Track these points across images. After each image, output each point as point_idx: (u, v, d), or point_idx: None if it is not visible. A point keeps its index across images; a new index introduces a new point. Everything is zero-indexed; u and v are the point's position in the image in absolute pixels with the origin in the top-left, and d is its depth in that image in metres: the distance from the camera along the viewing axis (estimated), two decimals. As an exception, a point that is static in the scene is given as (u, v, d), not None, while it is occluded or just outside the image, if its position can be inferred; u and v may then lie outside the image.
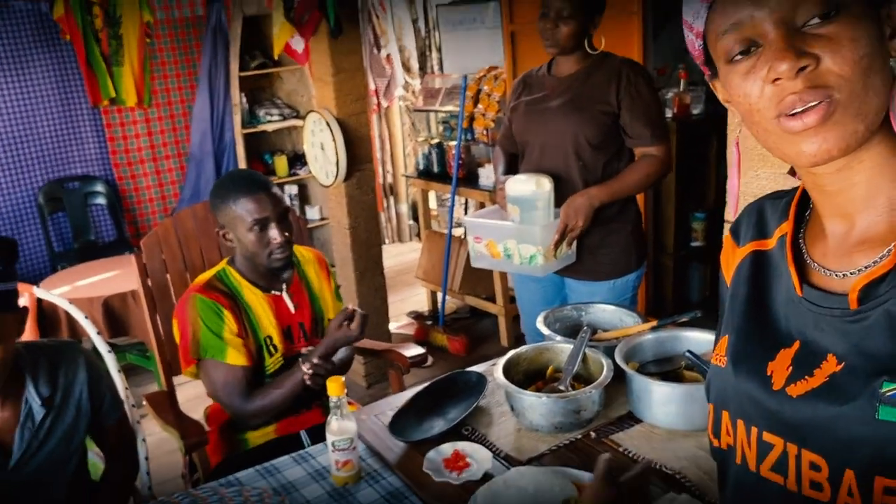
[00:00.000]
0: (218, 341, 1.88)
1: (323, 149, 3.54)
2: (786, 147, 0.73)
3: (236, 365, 1.89)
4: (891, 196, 0.74)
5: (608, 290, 2.38)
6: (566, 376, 1.67)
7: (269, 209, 1.89)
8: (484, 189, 4.04)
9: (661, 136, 2.27)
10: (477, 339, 4.25)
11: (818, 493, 0.74)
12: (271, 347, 1.98)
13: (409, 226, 6.38)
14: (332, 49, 3.38)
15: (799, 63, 0.68)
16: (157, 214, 5.09)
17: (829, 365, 0.74)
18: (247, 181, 1.93)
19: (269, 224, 1.90)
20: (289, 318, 2.03)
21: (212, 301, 1.90)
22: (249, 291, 1.98)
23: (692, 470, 1.42)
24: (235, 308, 1.93)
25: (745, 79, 0.73)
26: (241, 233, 1.91)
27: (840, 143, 0.69)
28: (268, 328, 1.98)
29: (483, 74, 4.27)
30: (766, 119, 0.72)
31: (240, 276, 1.99)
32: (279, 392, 1.89)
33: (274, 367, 1.99)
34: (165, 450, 3.16)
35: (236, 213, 1.89)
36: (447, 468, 1.49)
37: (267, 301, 1.99)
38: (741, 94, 0.74)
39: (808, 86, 0.68)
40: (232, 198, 1.89)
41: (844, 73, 0.68)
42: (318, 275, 2.15)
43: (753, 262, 0.88)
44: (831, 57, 0.68)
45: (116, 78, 4.69)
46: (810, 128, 0.69)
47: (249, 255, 1.94)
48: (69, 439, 1.68)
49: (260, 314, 1.97)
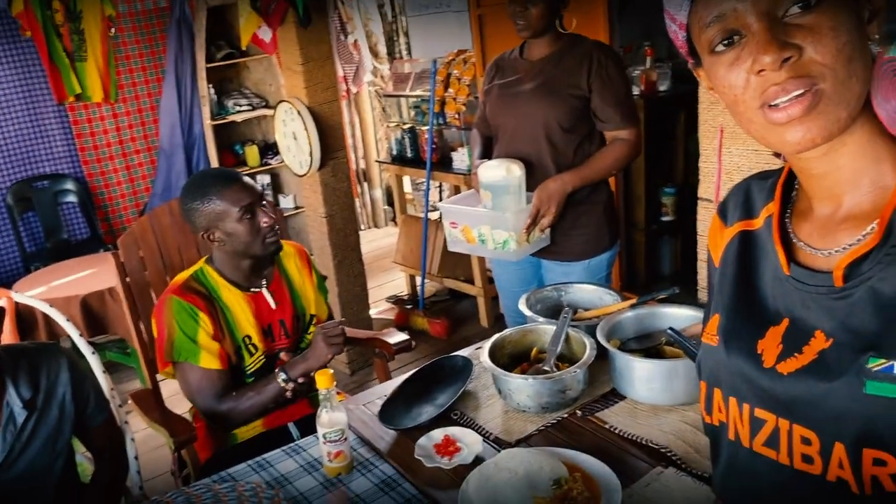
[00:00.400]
0: (192, 345, 1.87)
1: (295, 138, 3.52)
2: (770, 136, 0.75)
3: (210, 368, 1.89)
4: (873, 177, 0.76)
5: (583, 270, 2.41)
6: (550, 357, 1.70)
7: (252, 195, 1.90)
8: (458, 172, 4.05)
9: (631, 120, 2.29)
10: (457, 321, 4.28)
11: (810, 466, 0.77)
12: (251, 347, 1.98)
13: (384, 211, 6.37)
14: (300, 38, 3.36)
15: (783, 54, 0.70)
16: (129, 210, 5.04)
17: (818, 342, 0.77)
18: (220, 176, 1.93)
19: (255, 209, 1.90)
20: (269, 316, 2.02)
21: (188, 303, 1.89)
22: (227, 291, 1.97)
23: (678, 444, 1.45)
24: (212, 309, 1.92)
25: (730, 70, 0.74)
26: (230, 226, 1.89)
27: (823, 132, 0.72)
28: (246, 328, 1.97)
29: (452, 58, 4.27)
30: (751, 109, 0.74)
31: (218, 276, 1.98)
32: (256, 399, 1.89)
33: (255, 366, 1.99)
34: (151, 446, 3.15)
35: (221, 208, 1.88)
36: (438, 454, 1.51)
37: (246, 300, 1.98)
38: (726, 85, 0.75)
39: (791, 76, 0.70)
40: (212, 195, 1.88)
41: (827, 62, 0.69)
42: (300, 269, 2.14)
43: (741, 241, 0.90)
44: (813, 46, 0.69)
45: (81, 74, 4.61)
46: (795, 118, 0.71)
47: (242, 247, 1.91)
48: (53, 441, 1.68)
49: (238, 314, 1.96)
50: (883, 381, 0.70)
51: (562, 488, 1.31)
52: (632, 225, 4.18)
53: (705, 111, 1.75)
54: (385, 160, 4.78)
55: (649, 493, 1.35)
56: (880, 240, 0.73)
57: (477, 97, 4.08)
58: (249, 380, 1.98)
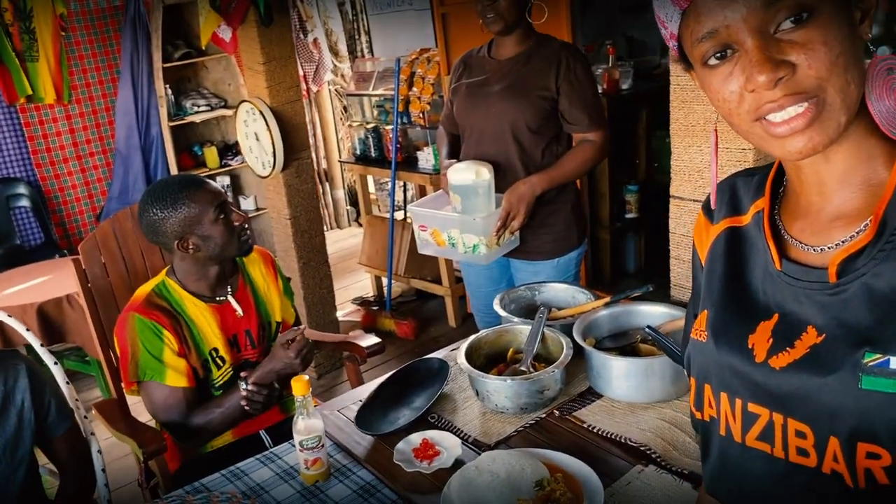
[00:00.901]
0: (157, 363, 1.83)
1: (258, 139, 3.46)
2: (769, 146, 0.75)
3: (177, 387, 1.85)
4: (865, 174, 0.77)
5: (552, 269, 2.42)
6: (527, 357, 1.69)
7: (219, 196, 1.88)
8: (423, 172, 4.03)
9: (599, 122, 2.30)
10: (425, 322, 4.26)
11: (805, 459, 0.77)
12: (218, 360, 1.93)
13: (347, 211, 6.32)
14: (261, 37, 3.30)
15: (777, 74, 0.69)
16: (85, 214, 4.91)
17: (810, 337, 0.77)
18: (186, 181, 1.87)
19: (227, 208, 1.88)
20: (234, 327, 1.97)
21: (151, 321, 1.83)
22: (191, 304, 1.92)
23: (657, 441, 1.46)
24: (176, 325, 1.87)
25: (724, 83, 0.74)
26: (206, 229, 1.84)
27: (825, 140, 0.72)
28: (213, 341, 1.92)
29: (415, 57, 4.24)
30: (746, 122, 0.74)
31: (181, 289, 1.92)
32: (219, 412, 1.86)
33: (223, 379, 1.94)
34: (115, 455, 3.08)
35: (196, 212, 1.82)
36: (417, 458, 1.49)
37: (210, 312, 1.93)
38: (720, 99, 0.75)
39: (786, 94, 0.70)
40: (182, 200, 1.82)
41: (822, 75, 0.69)
42: (265, 275, 2.09)
43: (729, 238, 0.90)
44: (808, 62, 0.69)
45: (32, 74, 4.47)
46: (797, 130, 0.71)
47: (218, 249, 1.87)
48: (13, 450, 1.62)
49: (203, 327, 1.91)
50: (878, 375, 0.70)
51: (544, 490, 1.31)
52: (596, 222, 4.21)
53: (676, 109, 1.76)
54: (348, 160, 4.74)
55: (631, 491, 1.35)
56: (874, 236, 0.74)
57: (441, 96, 4.06)
58: (218, 392, 1.93)
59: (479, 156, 2.36)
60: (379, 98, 4.55)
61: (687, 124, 1.75)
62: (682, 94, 1.74)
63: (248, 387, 1.83)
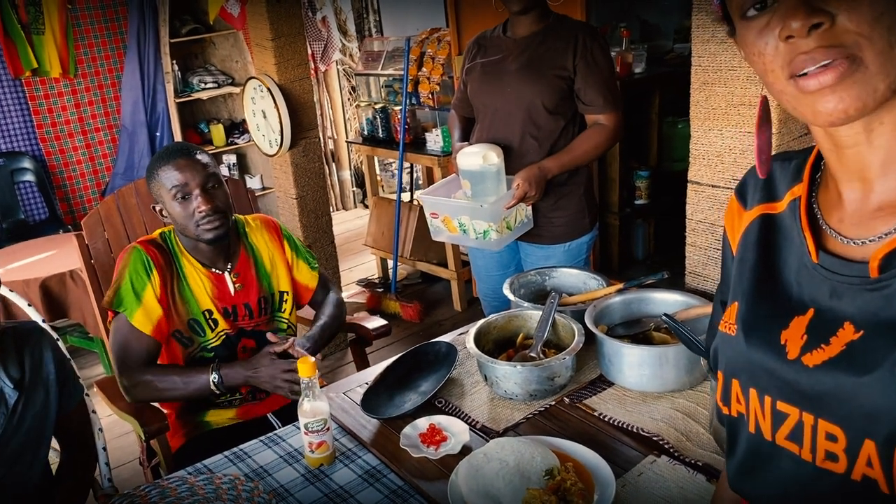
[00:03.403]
0: (133, 298, 1.79)
1: (265, 117, 3.42)
2: (801, 106, 0.70)
3: (139, 330, 1.80)
4: None
5: (563, 253, 2.38)
6: (537, 343, 1.65)
7: (191, 175, 1.79)
8: (431, 154, 3.98)
9: (613, 105, 2.25)
10: (430, 305, 4.23)
11: (833, 464, 0.73)
12: (210, 322, 1.89)
13: (353, 192, 6.28)
14: (270, 13, 3.25)
15: (811, 20, 0.65)
16: (89, 190, 4.87)
17: (846, 333, 0.73)
18: (169, 150, 1.84)
19: (190, 191, 1.79)
20: (231, 299, 1.93)
21: (147, 255, 1.82)
22: (189, 263, 1.89)
23: (669, 432, 1.42)
24: (168, 272, 1.84)
25: (759, 36, 0.70)
26: (168, 205, 1.82)
27: (857, 103, 0.66)
28: (206, 303, 1.89)
29: (425, 37, 4.18)
30: (780, 80, 0.70)
31: (182, 247, 1.91)
32: (178, 387, 1.81)
33: (216, 342, 1.90)
34: (115, 433, 3.06)
35: (160, 184, 1.81)
36: (424, 443, 1.46)
37: (207, 277, 1.90)
38: (755, 53, 0.71)
39: (820, 45, 0.65)
40: (156, 170, 1.81)
41: (863, 31, 0.65)
42: (269, 244, 2.02)
43: (762, 226, 0.86)
44: (847, 14, 0.65)
45: (38, 47, 4.43)
46: (826, 86, 0.66)
47: (180, 228, 1.85)
48: (42, 421, 1.59)
49: (197, 289, 1.88)
50: None
51: (555, 479, 1.27)
52: (606, 208, 4.16)
53: (697, 91, 1.71)
54: (355, 140, 4.69)
55: (642, 482, 1.32)
56: None
57: (451, 77, 4.01)
58: (209, 355, 1.90)
59: (493, 137, 2.31)
60: (388, 78, 4.50)
61: (707, 107, 1.70)
62: (704, 75, 1.69)
63: (214, 378, 1.79)
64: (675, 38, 4.51)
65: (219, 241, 1.86)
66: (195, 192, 1.79)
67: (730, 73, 1.68)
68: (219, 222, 1.82)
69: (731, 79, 1.68)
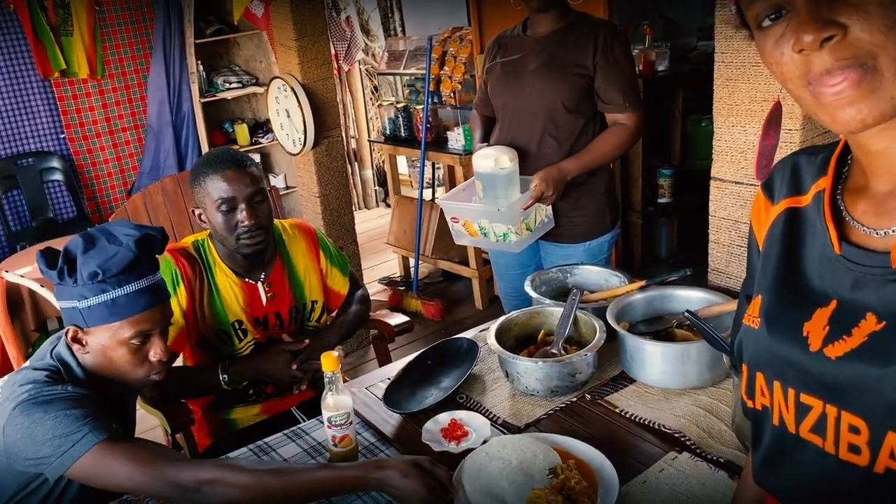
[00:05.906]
0: None
1: (289, 116, 3.45)
2: (820, 114, 0.70)
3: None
4: None
5: (583, 252, 2.37)
6: (558, 339, 1.66)
7: (239, 189, 1.76)
8: (453, 152, 3.99)
9: (634, 104, 2.24)
10: (451, 303, 4.24)
11: (856, 457, 0.73)
12: (240, 332, 1.89)
13: (375, 191, 6.30)
14: (294, 13, 3.28)
15: (823, 34, 0.65)
16: (116, 189, 4.94)
17: (868, 324, 0.73)
18: (219, 158, 1.80)
19: (236, 205, 1.77)
20: (263, 309, 1.92)
21: (175, 266, 1.81)
22: (222, 273, 1.87)
23: (691, 428, 1.42)
24: (198, 285, 1.83)
25: (776, 46, 0.70)
26: (210, 213, 1.80)
27: (875, 112, 0.67)
28: (237, 313, 1.88)
29: (447, 36, 4.19)
30: (798, 87, 0.70)
31: (217, 255, 1.89)
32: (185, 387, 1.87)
33: (246, 351, 1.91)
34: (142, 429, 3.09)
35: (206, 192, 1.78)
36: (446, 438, 1.47)
37: (240, 287, 1.88)
38: (773, 62, 0.71)
39: (835, 58, 0.65)
40: (202, 175, 1.78)
41: (877, 40, 0.64)
42: (307, 253, 2.00)
43: (787, 219, 0.86)
44: (860, 24, 0.64)
45: (66, 48, 4.50)
46: (843, 96, 0.66)
47: (219, 237, 1.84)
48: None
49: (229, 299, 1.87)
50: None
51: (559, 477, 1.27)
52: (628, 206, 4.14)
53: (720, 87, 1.70)
54: (378, 139, 4.71)
55: (663, 478, 1.32)
56: None
57: (473, 75, 4.01)
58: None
59: (513, 137, 2.31)
60: (410, 77, 4.52)
61: (731, 103, 1.70)
62: (727, 71, 1.69)
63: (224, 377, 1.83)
64: (699, 36, 4.48)
65: (258, 256, 1.86)
66: (241, 206, 1.77)
67: (753, 69, 1.68)
68: (260, 238, 1.81)
69: (755, 75, 1.67)
